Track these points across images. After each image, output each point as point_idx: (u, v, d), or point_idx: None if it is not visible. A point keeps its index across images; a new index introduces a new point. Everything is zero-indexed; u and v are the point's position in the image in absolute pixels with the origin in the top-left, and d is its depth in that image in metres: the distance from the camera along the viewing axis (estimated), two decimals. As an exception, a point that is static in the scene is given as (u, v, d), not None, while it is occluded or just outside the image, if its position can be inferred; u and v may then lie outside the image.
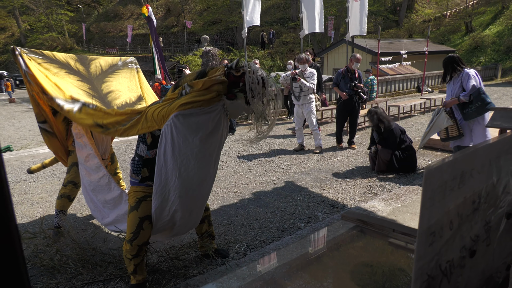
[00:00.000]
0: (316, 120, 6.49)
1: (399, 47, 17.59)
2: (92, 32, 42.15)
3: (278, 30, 31.07)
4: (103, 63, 3.73)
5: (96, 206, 3.29)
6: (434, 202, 0.48)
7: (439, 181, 0.48)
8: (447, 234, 0.52)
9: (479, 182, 0.57)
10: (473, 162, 0.55)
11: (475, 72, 4.42)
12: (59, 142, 3.60)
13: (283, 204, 4.30)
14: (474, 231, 0.59)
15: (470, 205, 0.57)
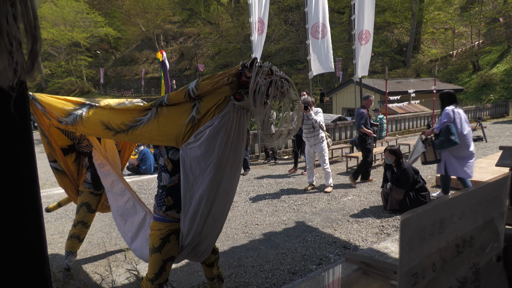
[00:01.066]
0: (328, 159, 6.52)
1: (406, 86, 17.85)
2: (109, 76, 44.05)
3: (287, 72, 32.01)
4: (111, 102, 3.89)
5: (124, 230, 3.33)
6: (413, 246, 0.52)
7: (417, 228, 0.52)
8: (430, 275, 0.55)
9: (461, 227, 0.61)
10: (452, 209, 0.59)
11: (453, 110, 5.11)
12: (69, 180, 3.71)
13: (294, 245, 4.24)
14: (460, 273, 0.62)
15: (453, 248, 0.60)
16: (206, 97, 2.24)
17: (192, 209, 2.40)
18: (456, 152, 5.08)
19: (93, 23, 41.32)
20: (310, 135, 6.44)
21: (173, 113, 2.34)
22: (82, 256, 4.31)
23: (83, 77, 44.63)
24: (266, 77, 2.14)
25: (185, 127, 2.27)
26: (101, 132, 2.65)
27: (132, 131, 2.43)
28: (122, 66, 44.74)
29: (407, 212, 0.55)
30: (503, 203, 0.66)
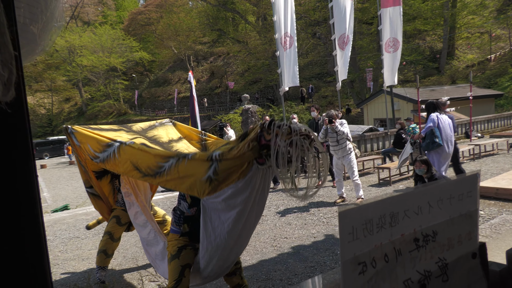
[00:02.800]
0: (357, 171, 6.42)
1: (440, 94, 17.26)
2: (144, 97, 45.93)
3: (317, 85, 31.94)
4: (142, 126, 4.08)
5: (151, 258, 3.49)
6: (357, 237, 0.54)
7: (360, 220, 0.55)
8: (381, 265, 0.57)
9: (420, 222, 0.62)
10: (405, 204, 0.60)
11: (437, 116, 5.83)
12: (103, 203, 3.95)
13: (323, 258, 4.18)
14: (422, 266, 0.63)
15: (411, 242, 0.62)
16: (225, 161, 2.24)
17: (208, 255, 2.47)
18: (439, 154, 5.82)
19: (129, 48, 43.56)
20: (337, 148, 6.38)
21: (193, 166, 2.36)
22: (116, 269, 4.48)
23: (120, 99, 46.84)
24: (286, 138, 2.08)
25: (204, 184, 2.28)
26: (131, 172, 2.77)
27: (159, 177, 2.51)
28: (156, 87, 46.54)
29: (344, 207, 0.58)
30: (475, 201, 0.66)
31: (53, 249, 5.56)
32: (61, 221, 7.42)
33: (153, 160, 2.56)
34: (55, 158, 33.21)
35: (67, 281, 4.27)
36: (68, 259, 5.05)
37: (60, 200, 11.93)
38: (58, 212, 8.85)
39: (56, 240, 6.07)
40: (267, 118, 9.03)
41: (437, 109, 5.95)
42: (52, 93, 53.07)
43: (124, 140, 2.96)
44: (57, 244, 5.80)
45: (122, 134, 3.56)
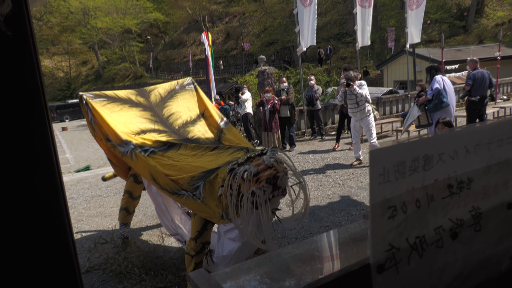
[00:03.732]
0: (375, 133, 6.32)
1: (466, 54, 16.45)
2: (159, 60, 45.60)
3: (335, 46, 30.87)
4: (161, 91, 3.94)
5: (164, 223, 3.60)
6: (388, 179, 0.51)
7: (392, 161, 0.51)
8: (412, 210, 0.54)
9: (455, 167, 0.58)
10: (439, 147, 0.56)
11: (442, 78, 5.95)
12: (122, 170, 4.04)
13: (338, 218, 4.23)
14: (454, 214, 0.60)
15: (444, 188, 0.58)
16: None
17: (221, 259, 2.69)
18: (445, 114, 5.86)
19: (143, 9, 42.69)
20: (356, 110, 6.25)
21: (206, 208, 2.54)
22: (138, 226, 4.66)
23: (135, 62, 46.68)
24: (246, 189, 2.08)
25: (219, 219, 2.47)
26: (148, 179, 2.96)
27: (177, 197, 2.69)
28: (171, 50, 46.01)
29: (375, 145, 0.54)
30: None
31: (77, 207, 5.81)
32: (84, 181, 7.69)
33: (170, 183, 2.69)
34: (75, 121, 33.95)
35: (92, 236, 4.49)
36: (91, 216, 5.28)
37: (82, 161, 12.32)
38: (81, 172, 9.17)
39: (79, 198, 6.33)
40: (284, 79, 8.85)
41: (439, 72, 6.14)
42: (69, 56, 53.28)
43: (137, 143, 2.98)
44: (81, 202, 6.05)
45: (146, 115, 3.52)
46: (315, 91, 9.48)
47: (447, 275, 0.58)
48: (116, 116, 3.34)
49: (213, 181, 2.45)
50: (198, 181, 2.54)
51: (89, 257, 3.79)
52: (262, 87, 9.63)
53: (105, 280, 3.33)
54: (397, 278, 0.52)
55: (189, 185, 2.58)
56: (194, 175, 2.59)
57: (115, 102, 3.54)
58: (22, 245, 0.62)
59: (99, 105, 3.32)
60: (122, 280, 3.28)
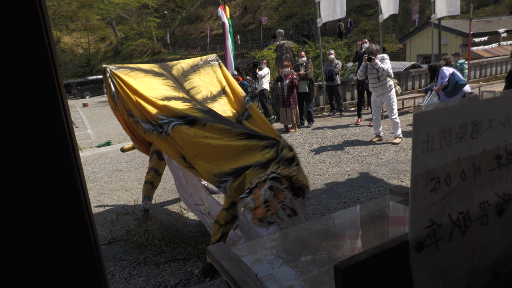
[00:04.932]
0: (396, 109, 6.14)
1: (496, 26, 15.60)
2: (177, 35, 45.25)
3: (356, 19, 29.78)
4: (184, 66, 3.88)
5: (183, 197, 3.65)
6: (433, 147, 0.45)
7: (437, 127, 0.46)
8: (457, 183, 0.49)
9: (504, 136, 0.52)
10: (490, 112, 0.50)
11: (446, 68, 6.41)
12: (141, 145, 4.08)
13: (356, 195, 4.19)
14: (501, 189, 0.54)
15: (492, 159, 0.52)
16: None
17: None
18: (460, 95, 6.14)
19: (159, -17, 42.13)
20: (377, 85, 6.05)
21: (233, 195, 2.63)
22: (158, 201, 4.75)
23: (153, 38, 46.54)
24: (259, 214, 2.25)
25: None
26: (176, 158, 3.00)
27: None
28: (188, 25, 45.50)
29: (421, 107, 0.48)
30: None
31: (99, 180, 5.96)
32: (105, 155, 7.86)
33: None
34: (95, 97, 34.48)
35: (113, 209, 4.61)
36: (113, 189, 5.40)
37: (103, 136, 12.56)
38: (102, 147, 9.36)
39: (101, 172, 6.48)
40: (302, 53, 8.63)
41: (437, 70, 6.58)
42: (88, 33, 53.55)
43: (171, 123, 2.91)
44: (102, 176, 6.20)
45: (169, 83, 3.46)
46: (334, 65, 9.23)
47: (490, 255, 0.53)
48: (140, 83, 3.27)
49: (242, 182, 2.55)
50: (227, 177, 2.61)
51: (111, 229, 3.90)
52: (280, 62, 9.43)
53: (127, 251, 3.43)
54: (436, 257, 0.48)
55: (215, 177, 2.64)
56: (223, 170, 2.63)
57: (138, 71, 3.49)
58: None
59: (123, 74, 3.26)
60: (143, 251, 3.37)
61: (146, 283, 2.86)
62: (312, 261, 0.83)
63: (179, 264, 3.07)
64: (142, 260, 3.21)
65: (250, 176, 2.52)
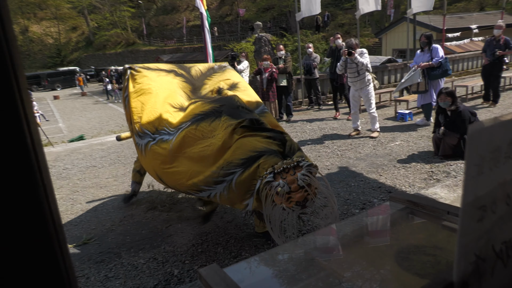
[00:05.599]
0: (374, 103, 6.20)
1: (468, 22, 16.07)
2: (152, 26, 44.15)
3: (334, 12, 29.97)
4: (201, 68, 4.01)
5: None
6: (483, 170, 0.40)
7: (489, 146, 0.40)
8: (502, 209, 0.44)
9: None
10: None
11: (441, 49, 6.23)
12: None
13: (336, 189, 4.20)
14: None
15: None
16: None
17: None
18: (442, 81, 6.32)
19: (133, -29, 40.85)
20: (355, 79, 6.09)
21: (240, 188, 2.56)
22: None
23: (127, 28, 45.23)
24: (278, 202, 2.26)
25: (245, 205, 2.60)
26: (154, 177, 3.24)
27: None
28: (164, 15, 44.48)
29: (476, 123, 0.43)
30: None
31: (72, 177, 5.72)
32: (78, 151, 7.57)
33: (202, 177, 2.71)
34: (67, 89, 33.26)
35: (87, 207, 4.43)
36: (87, 187, 5.20)
37: (76, 130, 12.12)
38: (74, 142, 9.01)
39: (74, 168, 6.23)
40: (281, 47, 8.57)
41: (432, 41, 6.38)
42: (58, 22, 51.43)
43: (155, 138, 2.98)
44: (75, 173, 5.96)
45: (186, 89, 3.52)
46: (313, 59, 9.22)
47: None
48: (160, 83, 3.36)
49: (254, 172, 2.46)
50: (236, 168, 2.51)
51: (87, 229, 3.75)
52: (259, 55, 9.35)
53: (103, 252, 3.29)
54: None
55: (223, 170, 2.54)
56: (233, 162, 2.54)
57: (160, 71, 3.60)
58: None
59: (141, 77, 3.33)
60: (120, 251, 3.25)
61: (123, 285, 2.75)
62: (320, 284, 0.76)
63: (158, 264, 2.98)
64: (119, 261, 3.09)
65: (265, 164, 2.42)
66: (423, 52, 6.36)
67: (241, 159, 2.50)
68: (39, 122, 13.50)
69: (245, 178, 2.47)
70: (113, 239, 3.51)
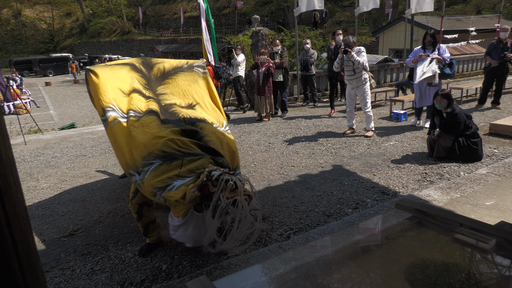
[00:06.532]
0: (370, 102, 6.16)
1: (465, 24, 16.11)
2: (148, 15, 43.62)
3: (332, 9, 29.89)
4: (167, 66, 3.62)
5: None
6: None
7: None
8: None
9: None
10: None
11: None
12: None
13: (330, 188, 4.16)
14: None
15: None
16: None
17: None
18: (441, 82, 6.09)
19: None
20: (352, 78, 6.04)
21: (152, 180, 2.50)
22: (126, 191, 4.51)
23: (123, 16, 44.62)
24: (229, 196, 2.19)
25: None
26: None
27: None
28: (161, 5, 43.96)
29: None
30: None
31: (61, 166, 5.61)
32: (68, 139, 7.43)
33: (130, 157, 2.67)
34: (59, 76, 32.75)
35: (75, 198, 4.33)
36: (76, 176, 5.10)
37: (67, 118, 11.92)
38: (65, 130, 8.85)
39: (63, 157, 6.11)
40: (277, 42, 8.47)
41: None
42: (52, 7, 50.56)
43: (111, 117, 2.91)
44: (65, 161, 5.84)
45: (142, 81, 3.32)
46: (310, 55, 9.15)
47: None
48: (112, 74, 3.22)
49: (172, 169, 2.44)
50: (156, 160, 2.48)
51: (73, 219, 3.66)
52: (256, 49, 9.24)
53: (89, 244, 3.21)
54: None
55: (144, 160, 2.50)
56: (153, 152, 2.50)
57: (117, 65, 3.43)
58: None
59: (99, 68, 3.21)
60: (107, 244, 3.17)
61: (109, 279, 2.68)
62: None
63: (146, 259, 2.91)
64: (106, 254, 3.01)
65: (189, 165, 2.43)
66: (426, 51, 6.06)
67: (163, 151, 2.49)
68: (29, 108, 13.26)
69: (160, 172, 2.44)
70: (101, 231, 3.43)
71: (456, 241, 0.88)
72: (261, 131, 7.06)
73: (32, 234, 0.50)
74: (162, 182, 2.40)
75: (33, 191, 4.65)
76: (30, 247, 0.50)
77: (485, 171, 4.19)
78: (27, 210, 0.62)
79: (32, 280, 0.48)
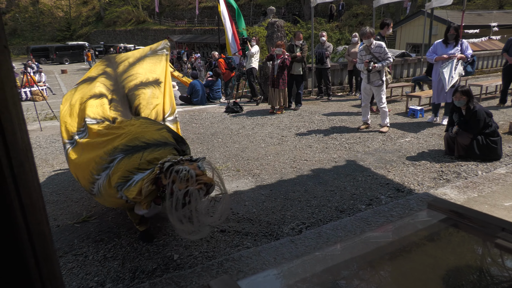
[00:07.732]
0: (385, 97, 6.04)
1: (487, 20, 15.63)
2: (163, 5, 43.62)
3: (348, 1, 29.37)
4: (131, 60, 3.78)
5: None
6: None
7: None
8: None
9: None
10: None
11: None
12: None
13: (343, 183, 4.10)
14: None
15: None
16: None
17: None
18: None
19: None
20: (367, 72, 5.92)
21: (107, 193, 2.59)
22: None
23: (138, 6, 44.76)
24: (181, 187, 2.15)
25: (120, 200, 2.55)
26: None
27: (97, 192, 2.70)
28: (176, -5, 43.87)
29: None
30: None
31: (76, 153, 5.67)
32: (83, 127, 7.51)
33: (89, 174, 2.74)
34: (75, 64, 33.14)
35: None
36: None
37: (81, 106, 12.04)
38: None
39: (78, 144, 6.18)
40: (300, 36, 8.31)
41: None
42: (69, -5, 51.01)
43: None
44: (79, 149, 5.91)
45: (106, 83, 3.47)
46: (325, 48, 9.01)
47: None
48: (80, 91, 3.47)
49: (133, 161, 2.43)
50: (119, 154, 2.51)
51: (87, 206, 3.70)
52: (271, 40, 9.14)
53: (102, 231, 3.25)
54: None
55: (110, 156, 2.53)
56: (118, 147, 2.53)
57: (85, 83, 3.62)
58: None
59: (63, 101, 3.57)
60: (119, 231, 3.20)
61: (121, 266, 2.70)
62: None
63: (158, 248, 2.92)
64: (118, 241, 3.04)
65: (149, 156, 2.44)
66: (448, 45, 5.85)
67: (127, 145, 2.50)
68: (46, 95, 13.45)
69: (122, 165, 2.44)
70: (114, 219, 3.46)
71: (498, 246, 0.83)
72: (274, 124, 7.00)
73: (48, 226, 0.48)
74: (122, 178, 2.41)
75: (48, 176, 4.72)
76: (46, 240, 0.48)
77: (504, 171, 4.07)
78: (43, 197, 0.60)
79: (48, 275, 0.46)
